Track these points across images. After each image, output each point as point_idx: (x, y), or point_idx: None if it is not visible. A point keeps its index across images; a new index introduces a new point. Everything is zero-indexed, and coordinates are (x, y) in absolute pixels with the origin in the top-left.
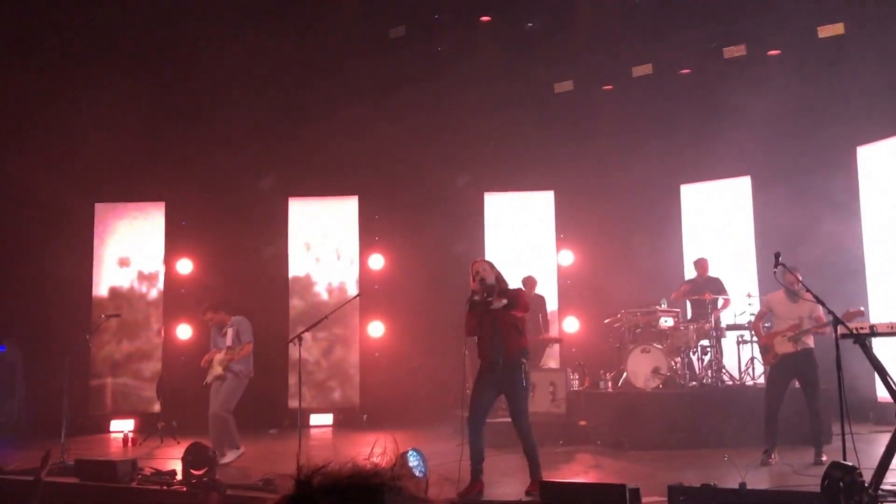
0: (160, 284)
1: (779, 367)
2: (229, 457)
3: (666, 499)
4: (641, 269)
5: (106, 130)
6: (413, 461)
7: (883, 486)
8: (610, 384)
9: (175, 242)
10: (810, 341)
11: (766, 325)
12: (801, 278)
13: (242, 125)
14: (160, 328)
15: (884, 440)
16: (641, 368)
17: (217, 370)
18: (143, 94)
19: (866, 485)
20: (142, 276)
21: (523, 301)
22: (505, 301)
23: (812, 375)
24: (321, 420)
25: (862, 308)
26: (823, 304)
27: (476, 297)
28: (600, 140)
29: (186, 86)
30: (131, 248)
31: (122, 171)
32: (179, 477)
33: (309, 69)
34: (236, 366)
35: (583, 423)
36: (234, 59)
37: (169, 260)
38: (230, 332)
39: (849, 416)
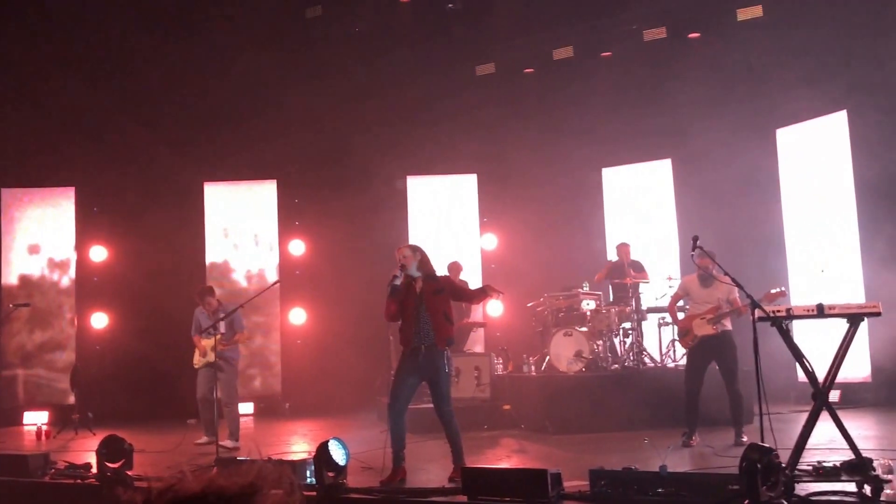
0: (72, 272)
1: (697, 349)
2: (230, 443)
3: (588, 483)
4: (564, 252)
5: (11, 113)
6: (335, 450)
7: (799, 466)
8: (533, 368)
9: (87, 229)
10: (728, 324)
11: (687, 307)
12: (716, 262)
13: (155, 108)
14: (73, 317)
15: (802, 419)
16: (564, 352)
17: (210, 356)
18: (50, 74)
19: (783, 465)
20: (53, 264)
21: (458, 288)
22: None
23: (730, 357)
24: (242, 409)
25: (782, 288)
26: (741, 287)
27: (396, 282)
28: (523, 123)
29: (98, 67)
30: (41, 235)
31: (30, 155)
32: (95, 470)
33: (224, 51)
34: (228, 353)
35: (507, 407)
36: (148, 39)
37: (81, 247)
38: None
39: (766, 397)
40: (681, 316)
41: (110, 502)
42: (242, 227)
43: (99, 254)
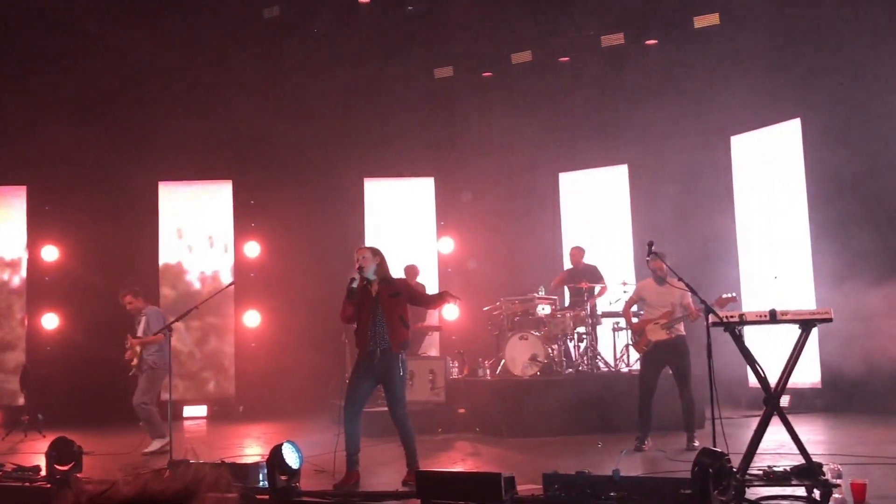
0: (23, 272)
1: (651, 354)
2: (154, 445)
3: (541, 486)
4: (520, 256)
5: None
6: (288, 453)
7: (750, 471)
8: (488, 372)
9: (39, 228)
10: (682, 328)
11: (641, 311)
12: (668, 265)
13: (110, 107)
14: (24, 317)
15: (754, 424)
16: (519, 356)
17: (134, 360)
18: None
19: (735, 470)
20: (3, 263)
21: (415, 292)
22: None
23: (684, 362)
24: (195, 412)
25: (734, 294)
26: (695, 293)
27: (354, 285)
28: (480, 127)
29: (51, 65)
30: None
31: None
32: (44, 473)
33: (180, 49)
34: (149, 357)
35: (462, 410)
36: (104, 37)
37: (32, 246)
38: (143, 321)
39: (719, 401)
40: (635, 321)
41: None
42: (197, 227)
43: (51, 253)
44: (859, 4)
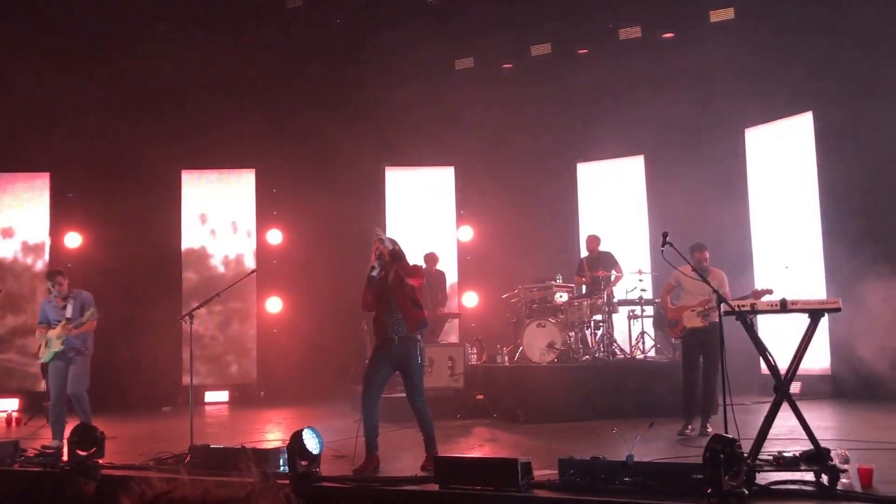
0: (46, 257)
1: (688, 339)
2: (54, 443)
3: (557, 472)
4: (538, 245)
5: None
6: (308, 439)
7: (760, 456)
8: (506, 358)
9: (62, 214)
10: (717, 316)
11: (675, 301)
12: (707, 256)
13: (134, 96)
14: None
15: (764, 410)
16: (537, 342)
17: (56, 345)
18: (27, 60)
19: (745, 455)
20: (26, 248)
21: (412, 269)
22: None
23: (716, 350)
24: (217, 397)
25: (770, 289)
26: (706, 282)
27: (373, 273)
28: (500, 117)
29: (76, 54)
30: (15, 219)
31: (5, 141)
32: (66, 458)
33: (208, 38)
34: (77, 343)
35: (480, 396)
36: (128, 27)
37: (55, 232)
38: (72, 304)
39: (730, 389)
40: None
41: (73, 491)
42: (220, 214)
43: (74, 240)
44: None
